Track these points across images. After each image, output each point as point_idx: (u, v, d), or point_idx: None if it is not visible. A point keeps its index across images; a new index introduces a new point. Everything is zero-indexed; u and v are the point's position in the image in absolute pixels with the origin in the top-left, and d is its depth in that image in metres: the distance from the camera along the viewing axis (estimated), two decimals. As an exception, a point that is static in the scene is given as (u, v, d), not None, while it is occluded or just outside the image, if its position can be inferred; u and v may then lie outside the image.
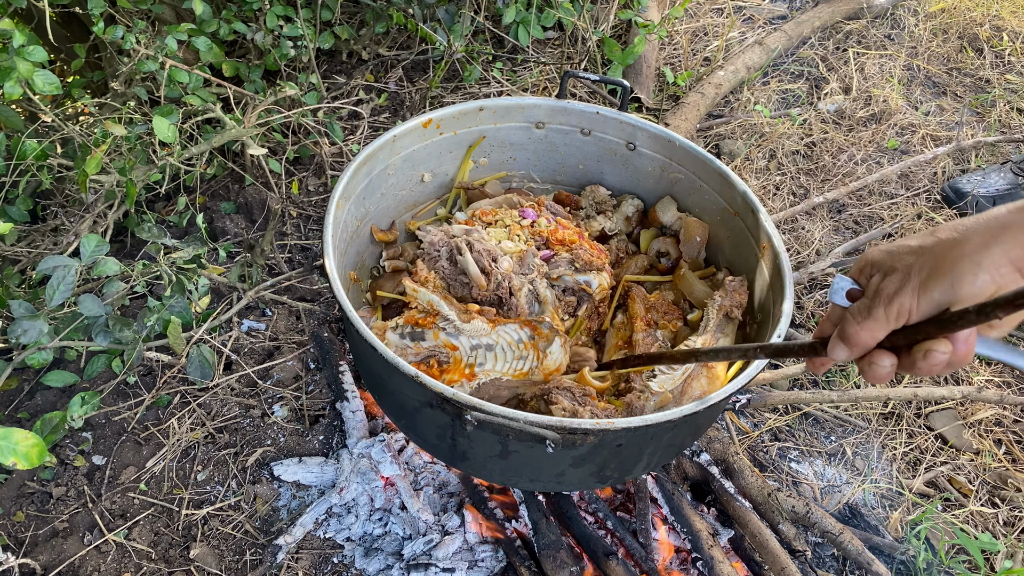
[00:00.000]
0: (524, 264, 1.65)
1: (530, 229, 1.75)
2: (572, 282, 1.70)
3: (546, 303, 1.66)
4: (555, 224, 1.77)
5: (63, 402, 1.92)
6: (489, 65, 2.97)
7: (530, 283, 1.65)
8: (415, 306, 1.58)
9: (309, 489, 1.81)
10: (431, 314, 1.54)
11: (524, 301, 1.63)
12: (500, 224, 1.77)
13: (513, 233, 1.73)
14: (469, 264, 1.60)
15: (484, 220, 1.78)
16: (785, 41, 3.22)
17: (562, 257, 1.71)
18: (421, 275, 1.62)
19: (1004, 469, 2.05)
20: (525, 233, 1.74)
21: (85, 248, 1.77)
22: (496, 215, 1.78)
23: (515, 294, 1.62)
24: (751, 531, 1.75)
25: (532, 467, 1.43)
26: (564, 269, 1.70)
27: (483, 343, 1.50)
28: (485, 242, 1.65)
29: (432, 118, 1.78)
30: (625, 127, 1.87)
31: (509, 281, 1.62)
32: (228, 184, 2.54)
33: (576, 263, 1.71)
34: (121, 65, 2.34)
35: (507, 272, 1.63)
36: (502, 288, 1.62)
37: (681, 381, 1.56)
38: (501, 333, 1.51)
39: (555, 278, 1.69)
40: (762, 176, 2.76)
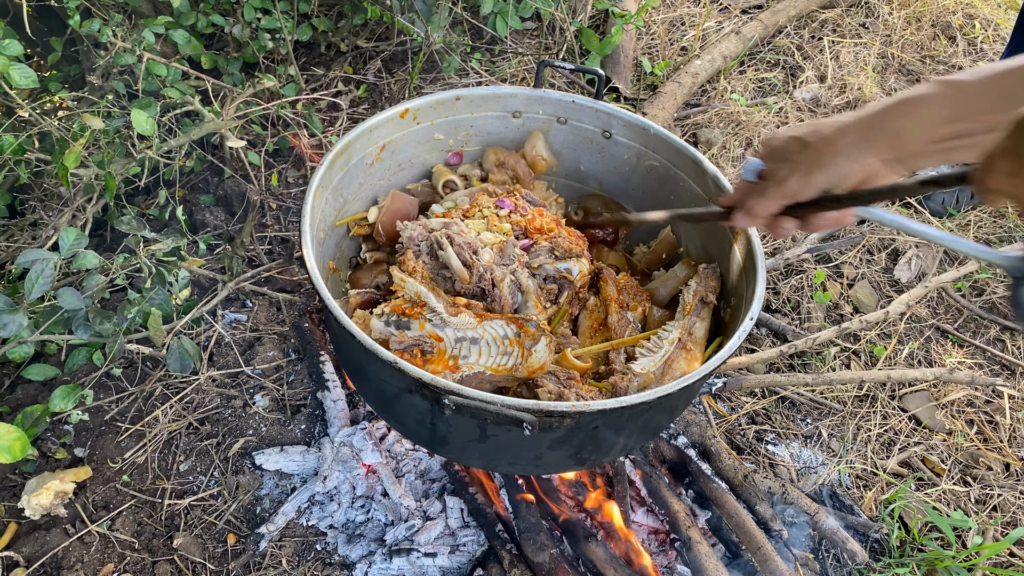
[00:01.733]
0: (505, 255, 1.67)
1: (508, 219, 1.76)
2: (553, 270, 1.71)
3: (529, 292, 1.68)
4: (532, 213, 1.79)
5: (44, 395, 1.93)
6: (468, 56, 2.98)
7: (512, 273, 1.66)
8: (401, 295, 1.59)
9: (291, 478, 1.82)
10: (418, 304, 1.55)
11: (507, 292, 1.65)
12: (478, 215, 1.78)
13: (492, 224, 1.74)
14: (451, 259, 1.61)
15: (463, 212, 1.79)
16: (761, 30, 3.25)
17: (542, 246, 1.73)
18: (409, 265, 1.62)
19: (976, 448, 2.10)
20: (503, 223, 1.75)
21: (64, 242, 1.78)
22: (474, 207, 1.79)
23: (497, 285, 1.63)
24: (728, 512, 1.79)
25: (511, 451, 1.45)
26: (544, 258, 1.71)
27: (468, 336, 1.51)
28: (465, 235, 1.66)
29: (409, 108, 1.80)
30: (601, 115, 1.89)
31: (491, 272, 1.63)
32: (207, 177, 2.54)
33: (556, 251, 1.73)
34: (98, 59, 2.34)
35: (488, 264, 1.64)
36: (484, 280, 1.63)
37: (662, 363, 1.58)
38: (487, 328, 1.52)
39: (536, 267, 1.70)
40: (739, 164, 2.79)
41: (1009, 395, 2.20)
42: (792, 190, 1.10)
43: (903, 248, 2.56)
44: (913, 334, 2.36)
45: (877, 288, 2.47)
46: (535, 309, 1.68)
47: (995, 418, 2.16)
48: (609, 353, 1.66)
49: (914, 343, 2.32)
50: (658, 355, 1.61)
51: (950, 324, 2.39)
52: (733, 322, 1.63)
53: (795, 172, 1.09)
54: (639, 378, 1.56)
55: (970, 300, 2.46)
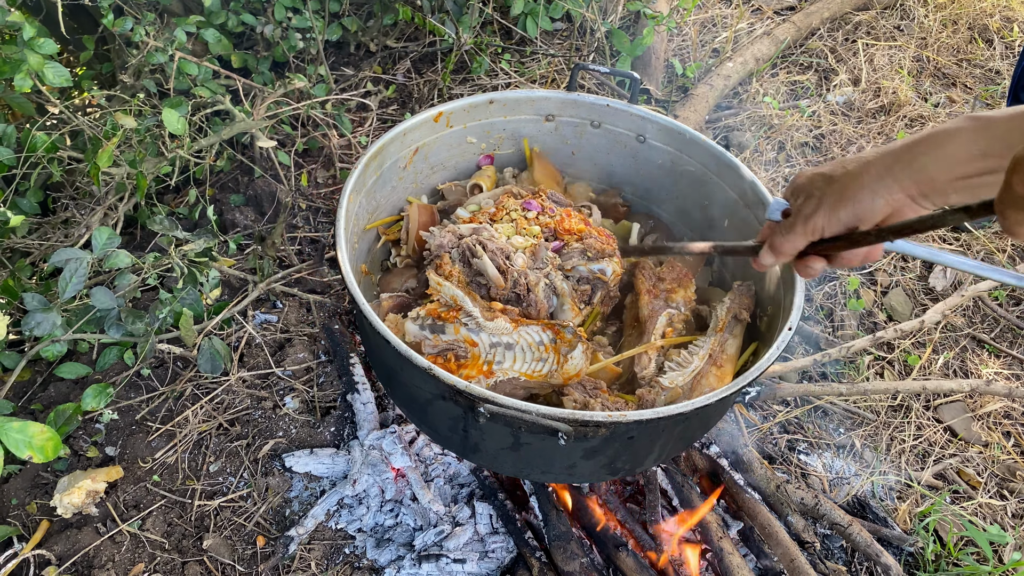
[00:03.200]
0: (538, 258, 1.65)
1: (536, 221, 1.75)
2: (586, 271, 1.70)
3: (564, 295, 1.66)
4: (560, 214, 1.77)
5: (76, 394, 1.94)
6: (498, 57, 2.96)
7: (546, 277, 1.65)
8: (437, 299, 1.57)
9: (320, 480, 1.82)
10: (453, 308, 1.53)
11: (542, 295, 1.63)
12: (507, 219, 1.76)
13: (520, 227, 1.72)
14: (488, 267, 1.59)
15: (490, 216, 1.77)
16: (794, 32, 3.21)
17: (574, 248, 1.71)
18: (446, 268, 1.61)
19: (1013, 461, 2.06)
20: (532, 226, 1.73)
21: (97, 241, 1.78)
22: (502, 210, 1.77)
23: (532, 289, 1.61)
24: (760, 523, 1.76)
25: (544, 459, 1.44)
26: (577, 259, 1.70)
27: (503, 341, 1.49)
28: (496, 240, 1.65)
29: (442, 111, 1.79)
30: (635, 119, 1.87)
31: (525, 277, 1.62)
32: (237, 176, 2.54)
33: (588, 252, 1.71)
34: (130, 57, 2.35)
35: (523, 268, 1.63)
36: (519, 285, 1.61)
37: (691, 378, 1.56)
38: (523, 333, 1.50)
39: (569, 269, 1.69)
40: (771, 168, 2.76)
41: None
42: (818, 226, 1.09)
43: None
44: (948, 343, 2.31)
45: (912, 296, 2.43)
46: (571, 312, 1.66)
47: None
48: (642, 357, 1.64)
49: (949, 353, 2.28)
50: (688, 369, 1.58)
51: (986, 334, 2.35)
52: (770, 331, 1.61)
53: (821, 208, 1.07)
54: (667, 392, 1.54)
55: (1007, 309, 2.41)
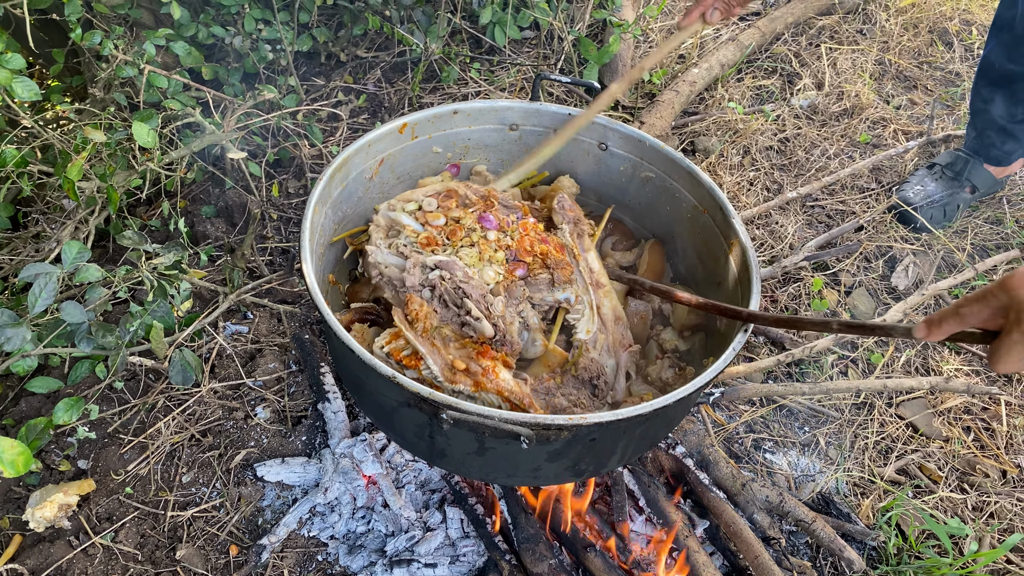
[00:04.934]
0: (512, 296, 1.64)
1: (499, 244, 1.70)
2: (552, 300, 1.70)
3: (535, 330, 1.65)
4: (518, 229, 1.73)
5: (47, 408, 1.95)
6: (467, 66, 2.99)
7: (519, 315, 1.63)
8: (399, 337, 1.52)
9: (292, 489, 1.84)
10: (417, 356, 1.49)
11: (516, 335, 1.59)
12: (467, 242, 1.70)
13: (483, 251, 1.67)
14: (486, 329, 1.55)
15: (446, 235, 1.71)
16: (759, 38, 3.27)
17: (540, 278, 1.68)
18: (413, 309, 1.53)
19: (972, 456, 2.11)
20: (496, 252, 1.68)
21: (67, 255, 1.79)
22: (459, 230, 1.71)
23: (508, 331, 1.59)
24: (725, 521, 1.80)
25: (509, 463, 1.47)
26: (544, 291, 1.68)
27: (465, 392, 1.49)
28: (473, 281, 1.60)
29: (407, 122, 1.82)
30: (597, 128, 1.91)
31: (503, 320, 1.59)
32: (208, 188, 2.56)
33: (555, 282, 1.70)
34: (100, 71, 2.36)
35: (502, 313, 1.60)
36: (499, 330, 1.58)
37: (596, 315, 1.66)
38: (483, 396, 1.50)
39: (536, 299, 1.68)
40: (736, 172, 2.81)
41: (1006, 402, 2.21)
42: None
43: (900, 256, 2.58)
44: (910, 342, 2.37)
45: (875, 296, 2.49)
46: (540, 345, 1.66)
47: (992, 425, 2.18)
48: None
49: (911, 351, 2.33)
50: (586, 310, 1.64)
51: (947, 331, 2.40)
52: (729, 332, 1.65)
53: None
54: (591, 342, 1.57)
55: (967, 307, 2.47)
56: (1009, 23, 2.39)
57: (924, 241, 2.64)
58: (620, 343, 1.68)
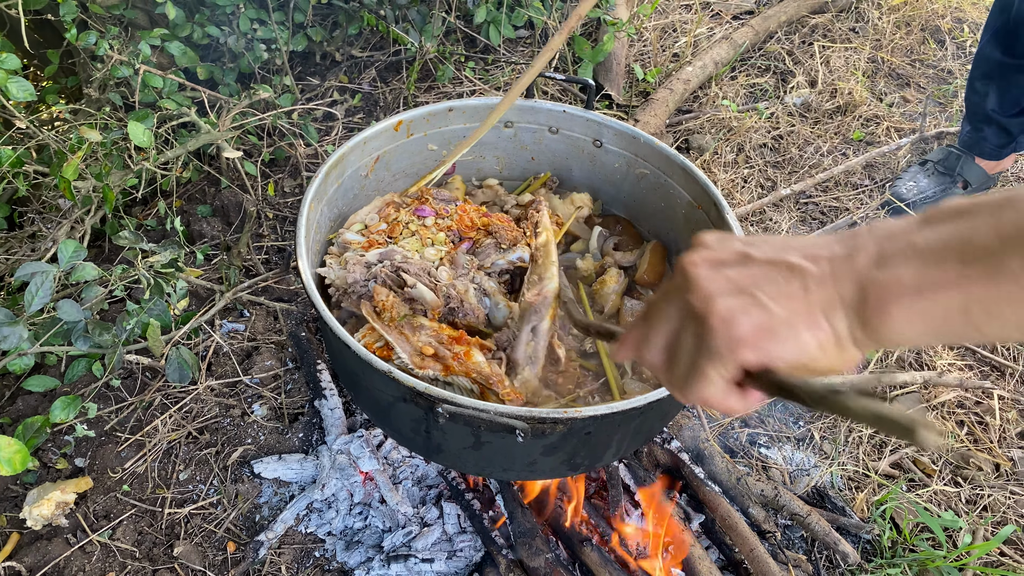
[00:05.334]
0: (458, 265, 1.65)
1: (438, 227, 1.73)
2: (505, 263, 1.72)
3: (494, 294, 1.67)
4: (455, 212, 1.77)
5: (44, 406, 1.95)
6: (462, 65, 3.00)
7: (472, 281, 1.65)
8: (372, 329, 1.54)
9: (290, 485, 1.85)
10: (388, 347, 1.51)
11: (475, 301, 1.63)
12: (406, 233, 1.72)
13: (424, 238, 1.70)
14: (425, 293, 1.57)
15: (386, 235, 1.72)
16: (752, 36, 3.28)
17: (486, 244, 1.72)
18: (379, 300, 1.54)
19: (966, 449, 2.12)
20: (436, 234, 1.71)
21: (63, 254, 1.80)
22: (397, 226, 1.73)
23: (464, 299, 1.61)
24: (721, 514, 1.81)
25: (505, 457, 1.47)
26: (494, 255, 1.71)
27: (440, 379, 1.50)
28: (412, 260, 1.63)
29: (402, 120, 1.82)
30: (592, 125, 1.92)
31: (454, 288, 1.61)
32: (204, 187, 2.56)
33: (502, 244, 1.74)
34: (95, 71, 2.36)
35: (449, 281, 1.63)
36: (452, 298, 1.60)
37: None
38: (454, 379, 1.50)
39: (488, 266, 1.70)
40: (730, 169, 2.82)
41: (999, 396, 2.23)
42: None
43: (894, 251, 2.59)
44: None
45: (868, 291, 2.50)
46: (505, 308, 1.67)
47: (985, 419, 2.19)
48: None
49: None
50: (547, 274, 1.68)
51: (940, 326, 2.42)
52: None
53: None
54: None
55: (960, 302, 2.48)
56: (1004, 16, 2.40)
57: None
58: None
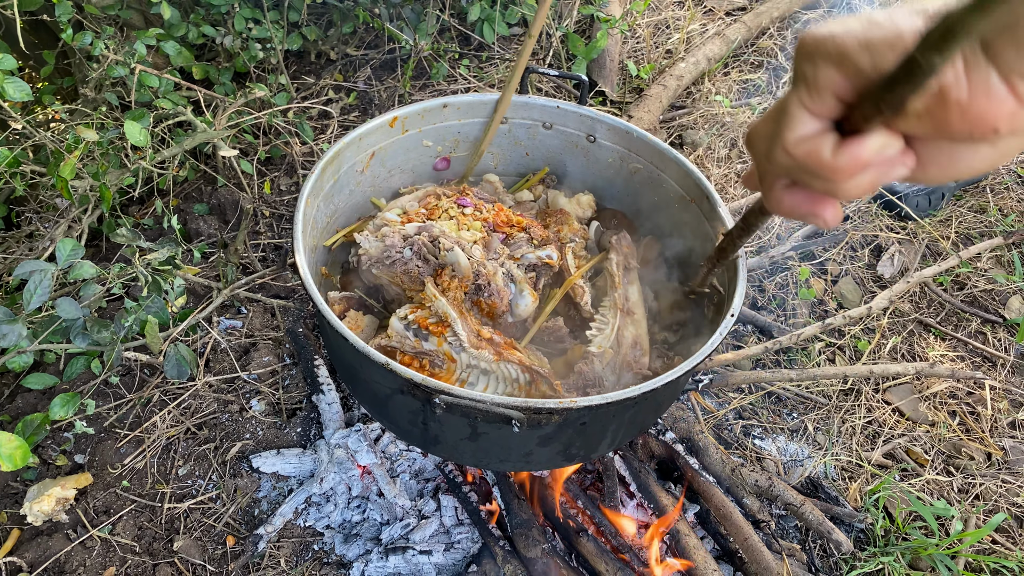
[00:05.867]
0: (491, 249, 1.70)
1: (475, 217, 1.79)
2: (534, 258, 1.75)
3: (521, 281, 1.71)
4: (494, 209, 1.82)
5: (43, 404, 1.96)
6: (456, 62, 3.02)
7: (501, 266, 1.70)
8: (429, 307, 1.58)
9: (288, 480, 1.86)
10: (443, 323, 1.55)
11: (502, 283, 1.68)
12: (445, 217, 1.79)
13: (462, 224, 1.77)
14: (461, 258, 1.61)
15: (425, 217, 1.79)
16: (745, 32, 3.30)
17: (519, 237, 1.76)
18: (444, 279, 1.62)
19: (958, 439, 2.15)
20: (473, 222, 1.78)
21: (61, 252, 1.81)
22: (436, 210, 1.79)
23: (492, 280, 1.66)
24: (715, 504, 1.83)
25: (501, 448, 1.49)
26: (525, 248, 1.75)
27: (481, 367, 1.53)
28: (449, 235, 1.70)
29: (397, 116, 1.84)
30: (585, 120, 1.93)
31: (484, 267, 1.67)
32: (201, 186, 2.57)
33: (534, 240, 1.77)
34: (91, 71, 2.38)
35: (481, 259, 1.68)
36: (481, 276, 1.66)
37: (614, 336, 1.66)
38: (503, 367, 1.53)
39: (518, 258, 1.74)
40: (724, 165, 2.84)
41: (990, 386, 2.25)
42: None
43: (886, 244, 2.61)
44: (896, 328, 2.40)
45: (861, 284, 2.52)
46: (529, 296, 1.71)
47: (977, 409, 2.21)
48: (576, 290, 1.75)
49: (897, 337, 2.37)
50: (607, 330, 1.68)
51: (932, 318, 2.44)
52: (717, 320, 1.67)
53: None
54: (599, 356, 1.62)
55: (951, 294, 2.51)
56: None
57: (909, 230, 2.68)
58: (630, 364, 1.72)
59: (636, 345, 1.73)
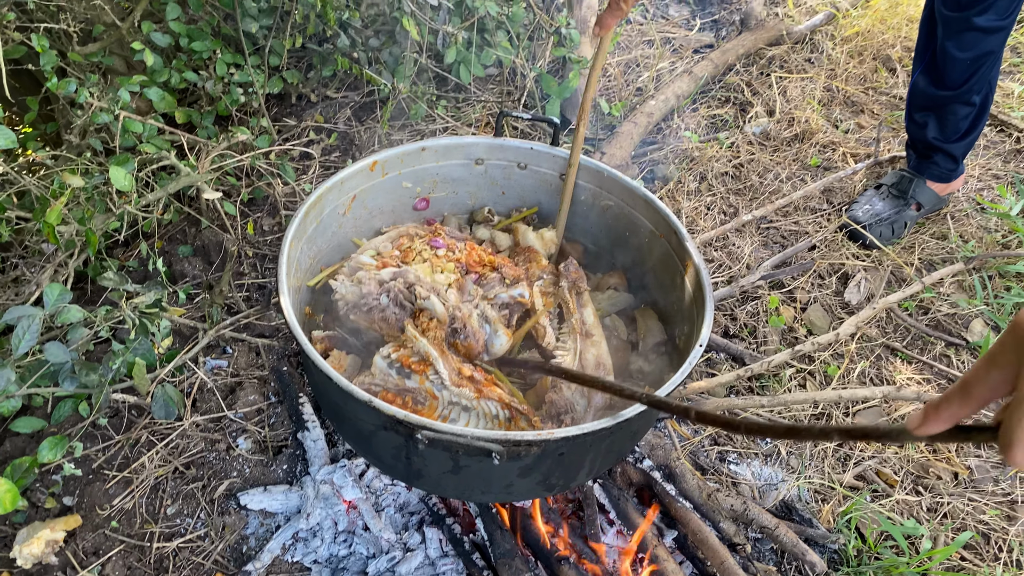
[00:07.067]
0: (465, 292, 1.77)
1: (448, 258, 1.86)
2: (507, 297, 1.83)
3: (495, 322, 1.78)
4: (464, 248, 1.89)
5: (31, 447, 1.99)
6: (434, 103, 3.10)
7: (476, 308, 1.77)
8: (410, 347, 1.64)
9: (275, 516, 1.90)
10: (425, 362, 1.61)
11: (477, 325, 1.75)
12: (419, 259, 1.86)
13: (435, 266, 1.83)
14: (436, 306, 1.69)
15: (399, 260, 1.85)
16: (712, 69, 3.42)
17: (491, 277, 1.84)
18: (423, 321, 1.68)
19: (925, 460, 2.22)
20: (447, 263, 1.84)
21: (48, 297, 1.85)
22: (410, 252, 1.86)
23: (467, 322, 1.73)
24: (692, 529, 1.88)
25: (482, 480, 1.54)
26: (498, 287, 1.83)
27: (462, 404, 1.59)
28: (425, 281, 1.76)
29: (377, 160, 1.91)
30: (558, 160, 2.02)
31: (459, 311, 1.73)
32: (184, 227, 2.62)
33: (506, 280, 1.85)
34: (75, 117, 2.43)
35: (456, 303, 1.75)
36: (456, 320, 1.72)
37: (577, 359, 1.75)
38: (483, 404, 1.59)
39: (491, 298, 1.81)
40: (694, 197, 2.94)
41: (955, 408, 2.33)
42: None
43: (852, 272, 2.70)
44: (864, 353, 2.48)
45: (829, 311, 2.61)
46: (504, 335, 1.78)
47: (943, 430, 2.28)
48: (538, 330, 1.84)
49: (865, 362, 2.45)
50: (569, 355, 1.77)
51: (899, 342, 2.53)
52: (687, 349, 1.74)
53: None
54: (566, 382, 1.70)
55: (916, 319, 2.60)
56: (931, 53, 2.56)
57: (874, 257, 2.77)
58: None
59: (599, 365, 1.80)
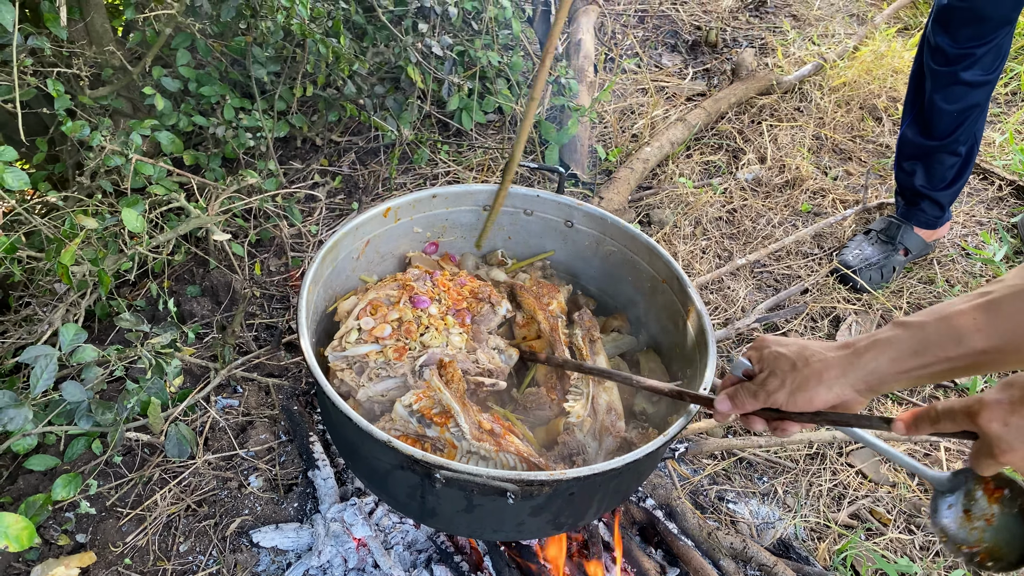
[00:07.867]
0: (480, 340, 1.85)
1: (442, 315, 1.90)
2: (500, 319, 1.99)
3: (505, 348, 1.93)
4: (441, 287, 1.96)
5: (45, 484, 2.01)
6: (437, 148, 3.19)
7: (493, 348, 1.86)
8: (431, 396, 1.68)
9: (287, 553, 1.93)
10: (446, 414, 1.65)
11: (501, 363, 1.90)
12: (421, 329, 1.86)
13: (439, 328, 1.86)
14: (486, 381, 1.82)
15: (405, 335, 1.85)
16: (705, 117, 3.53)
17: (484, 309, 1.95)
18: (449, 372, 1.72)
19: (917, 499, 2.28)
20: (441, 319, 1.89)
21: (64, 337, 1.90)
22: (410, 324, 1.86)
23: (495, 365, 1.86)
24: (694, 567, 1.93)
25: (495, 518, 1.59)
26: (494, 317, 1.96)
27: (481, 454, 1.64)
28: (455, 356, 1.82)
29: (390, 207, 1.98)
30: (563, 207, 2.10)
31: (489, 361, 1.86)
32: (192, 268, 2.68)
33: (494, 306, 1.97)
34: (87, 160, 2.49)
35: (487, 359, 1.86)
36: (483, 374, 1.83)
37: (590, 405, 1.81)
38: (502, 456, 1.65)
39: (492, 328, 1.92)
40: (689, 242, 3.02)
41: (945, 447, 2.40)
42: (777, 401, 1.31)
43: (843, 315, 2.79)
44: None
45: (821, 353, 2.68)
46: (512, 352, 1.94)
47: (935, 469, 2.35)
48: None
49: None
50: (582, 399, 1.83)
51: (889, 384, 2.60)
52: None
53: (783, 388, 1.29)
54: (578, 425, 1.76)
55: (906, 361, 2.67)
56: (919, 105, 2.68)
57: (864, 301, 2.86)
58: (608, 429, 1.85)
59: (611, 410, 1.86)
